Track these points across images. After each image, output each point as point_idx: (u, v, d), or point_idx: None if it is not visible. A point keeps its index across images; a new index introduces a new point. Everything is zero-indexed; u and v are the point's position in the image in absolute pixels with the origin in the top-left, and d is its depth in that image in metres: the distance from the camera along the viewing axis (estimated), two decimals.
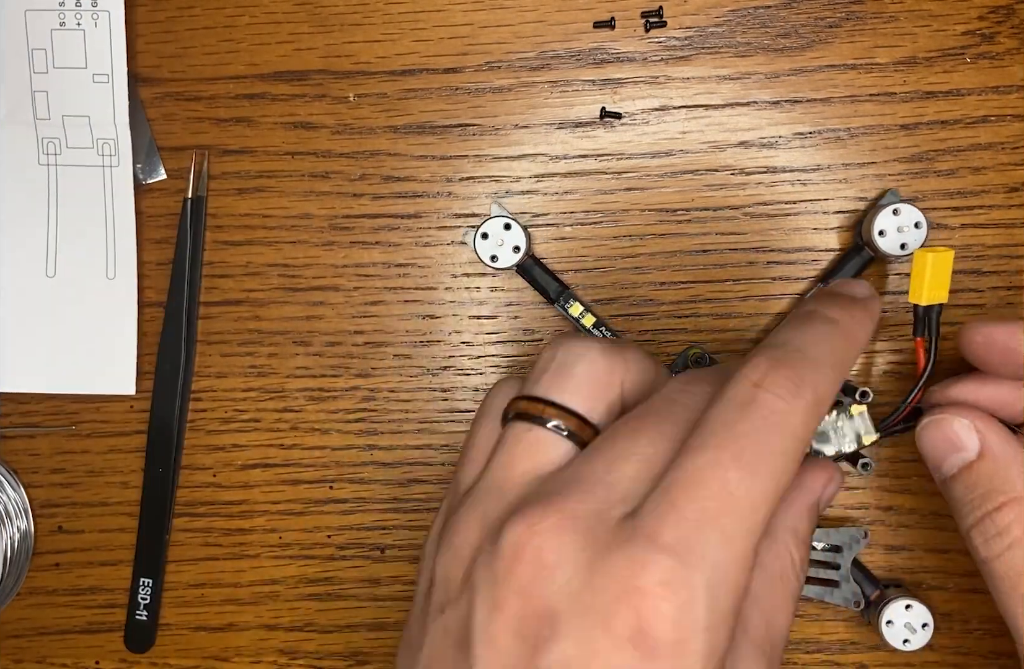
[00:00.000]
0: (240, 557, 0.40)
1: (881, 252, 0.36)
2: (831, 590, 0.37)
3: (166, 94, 0.40)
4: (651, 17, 0.38)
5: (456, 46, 0.39)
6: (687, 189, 0.38)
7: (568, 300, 0.38)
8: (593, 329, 0.38)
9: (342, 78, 0.39)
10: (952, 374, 0.33)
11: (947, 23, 0.38)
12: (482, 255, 0.37)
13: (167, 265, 0.40)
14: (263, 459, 0.40)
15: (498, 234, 0.37)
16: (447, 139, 0.39)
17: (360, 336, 0.40)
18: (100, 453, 0.41)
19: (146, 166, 0.40)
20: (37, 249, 0.40)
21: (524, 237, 0.37)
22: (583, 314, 0.38)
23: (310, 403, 0.40)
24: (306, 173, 0.39)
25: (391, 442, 0.40)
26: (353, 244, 0.39)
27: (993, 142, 0.38)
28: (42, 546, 0.41)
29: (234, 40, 0.40)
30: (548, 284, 0.38)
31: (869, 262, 0.37)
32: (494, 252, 0.37)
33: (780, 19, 0.38)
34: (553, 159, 0.39)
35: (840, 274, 0.37)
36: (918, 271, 0.32)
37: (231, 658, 0.40)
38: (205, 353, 0.40)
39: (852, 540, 0.37)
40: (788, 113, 0.38)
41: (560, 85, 0.39)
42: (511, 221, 0.37)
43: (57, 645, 0.41)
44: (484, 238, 0.37)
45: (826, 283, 0.37)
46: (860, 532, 0.37)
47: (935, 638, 0.38)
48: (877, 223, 0.36)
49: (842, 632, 0.38)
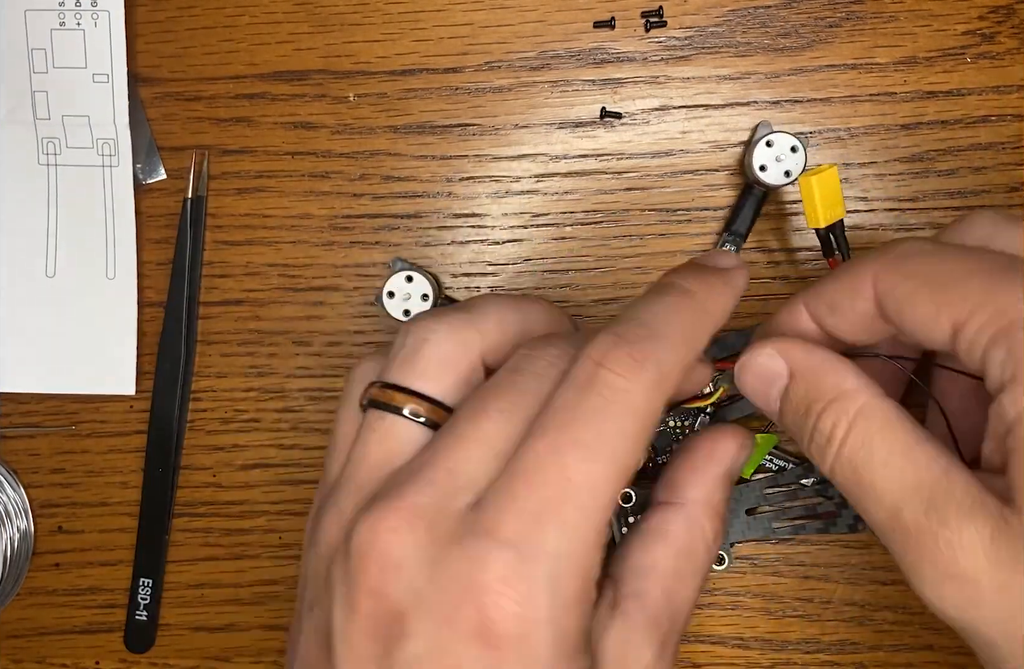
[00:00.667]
0: (240, 557, 0.40)
1: (769, 185, 0.36)
2: (833, 521, 0.36)
3: (166, 94, 0.40)
4: (651, 17, 0.38)
5: (456, 46, 0.39)
6: (687, 189, 0.38)
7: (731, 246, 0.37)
8: None
9: (342, 78, 0.39)
10: None
11: (947, 23, 0.38)
12: (395, 314, 0.37)
13: (167, 265, 0.40)
14: (263, 459, 0.40)
15: (403, 289, 0.37)
16: (447, 139, 0.39)
17: (360, 336, 0.40)
18: (100, 453, 0.41)
19: (146, 166, 0.40)
20: (37, 249, 0.40)
21: (429, 283, 0.37)
22: None
23: (310, 403, 0.40)
24: (306, 173, 0.39)
25: None
26: (353, 244, 0.39)
27: (993, 142, 0.38)
28: (42, 546, 0.41)
29: (234, 40, 0.40)
30: (744, 221, 0.37)
31: (764, 198, 0.37)
32: (405, 307, 0.37)
33: (780, 19, 0.38)
34: (553, 159, 0.39)
35: (740, 215, 0.37)
36: (807, 196, 0.32)
37: (231, 658, 0.40)
38: (205, 353, 0.40)
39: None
40: (788, 113, 0.38)
41: (560, 85, 0.39)
42: (411, 272, 0.37)
43: (57, 645, 0.41)
44: (391, 297, 0.37)
45: (728, 232, 0.37)
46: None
47: (935, 638, 0.38)
48: (755, 159, 0.36)
49: (842, 632, 0.38)
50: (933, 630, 0.38)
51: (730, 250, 0.36)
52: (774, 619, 0.39)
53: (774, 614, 0.39)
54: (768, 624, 0.39)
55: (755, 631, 0.39)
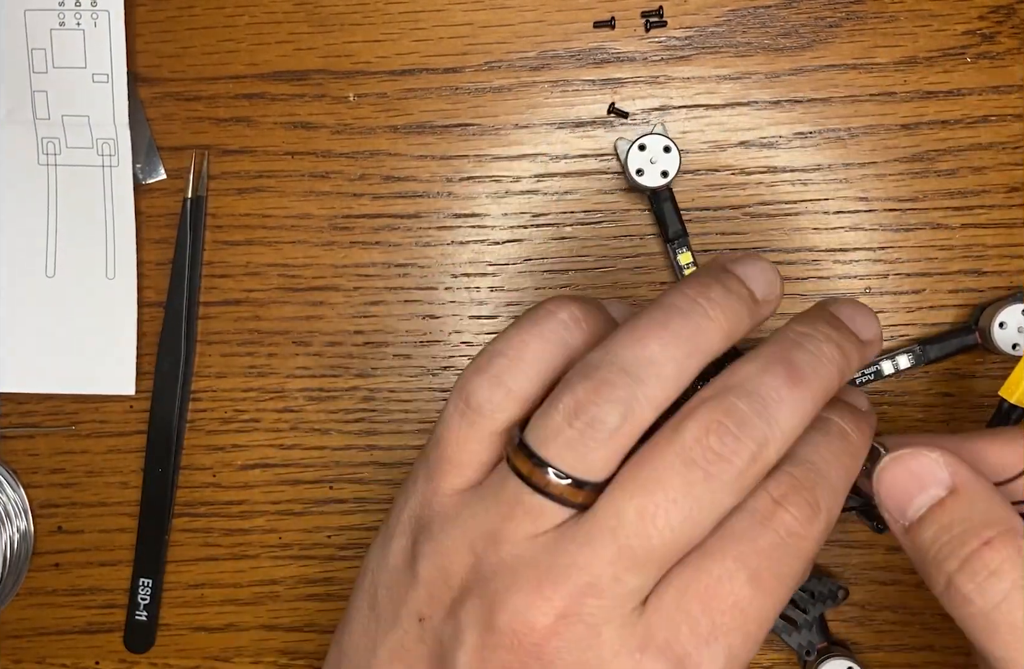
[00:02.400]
0: (240, 557, 0.40)
1: (992, 344, 0.36)
2: (790, 630, 0.37)
3: (166, 94, 0.40)
4: (651, 17, 0.38)
5: (456, 46, 0.39)
6: (687, 189, 0.38)
7: (681, 247, 0.37)
8: None
9: (342, 78, 0.39)
10: None
11: (947, 23, 0.38)
12: (630, 165, 0.36)
13: (167, 265, 0.40)
14: (263, 459, 0.40)
15: (655, 153, 0.36)
16: (447, 139, 0.39)
17: (360, 336, 0.40)
18: (100, 453, 0.41)
19: (146, 166, 0.40)
20: (37, 249, 0.40)
21: (677, 165, 0.36)
22: (688, 266, 0.37)
23: (310, 403, 0.40)
24: (306, 173, 0.39)
25: (391, 442, 0.40)
26: (353, 244, 0.39)
27: (993, 142, 0.38)
28: (42, 546, 0.41)
29: (234, 40, 0.39)
30: (672, 222, 0.37)
31: (970, 347, 0.37)
32: (642, 167, 0.36)
33: (780, 19, 0.38)
34: (553, 159, 0.39)
35: (940, 348, 0.37)
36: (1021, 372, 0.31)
37: (231, 658, 0.40)
38: (205, 353, 0.40)
39: (830, 595, 0.37)
40: (788, 113, 0.38)
41: (560, 85, 0.39)
42: (672, 145, 0.36)
43: (57, 645, 0.41)
44: (641, 150, 0.36)
45: (923, 349, 0.37)
46: (841, 591, 0.37)
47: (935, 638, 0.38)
48: (1001, 315, 0.35)
49: (842, 632, 0.38)
50: (933, 630, 0.38)
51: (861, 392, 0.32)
52: None
53: None
54: None
55: None
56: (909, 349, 0.37)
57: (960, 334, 0.37)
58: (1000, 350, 0.36)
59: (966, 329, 0.37)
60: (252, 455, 0.40)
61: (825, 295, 0.38)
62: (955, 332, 0.37)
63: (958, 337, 0.37)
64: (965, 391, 0.38)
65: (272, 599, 0.40)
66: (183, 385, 0.40)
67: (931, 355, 0.37)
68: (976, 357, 0.38)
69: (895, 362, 0.37)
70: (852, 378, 0.36)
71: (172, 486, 0.40)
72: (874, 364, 0.37)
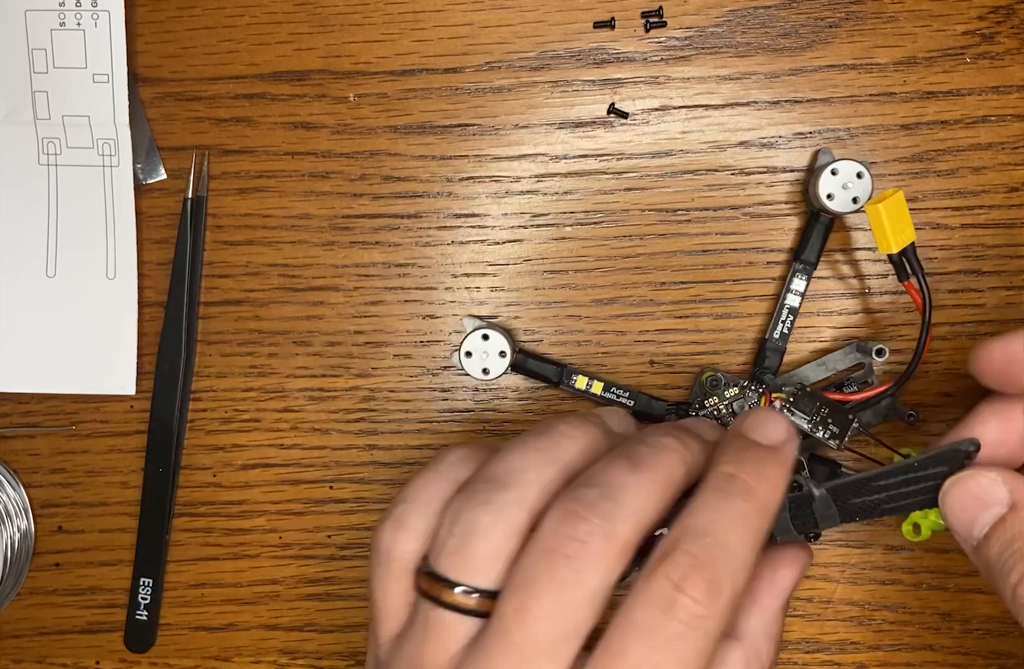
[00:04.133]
0: (240, 557, 0.40)
1: (837, 213, 0.36)
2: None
3: (166, 94, 0.40)
4: (651, 17, 0.38)
5: (456, 46, 0.39)
6: (687, 189, 0.38)
7: (570, 377, 0.37)
8: (605, 393, 0.37)
9: (342, 78, 0.39)
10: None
11: (947, 23, 0.38)
12: (474, 373, 0.37)
13: (167, 265, 0.40)
14: (263, 459, 0.40)
15: (480, 348, 0.37)
16: (447, 139, 0.39)
17: (360, 336, 0.40)
18: (100, 453, 0.41)
19: (146, 166, 0.40)
20: (37, 249, 0.40)
21: (505, 340, 0.37)
22: (590, 384, 0.37)
23: (310, 403, 0.40)
24: (306, 173, 0.39)
25: (391, 442, 0.40)
26: (353, 244, 0.39)
27: (993, 142, 0.38)
28: (42, 546, 0.41)
29: (234, 40, 0.40)
30: (545, 370, 0.38)
31: (831, 225, 0.37)
32: (484, 366, 0.37)
33: (780, 19, 0.38)
34: (553, 159, 0.39)
35: (809, 244, 0.37)
36: (876, 224, 0.32)
37: (231, 658, 0.40)
38: (205, 353, 0.40)
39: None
40: (788, 113, 0.38)
41: (560, 85, 0.39)
42: (486, 331, 0.37)
43: (57, 645, 0.41)
44: (469, 356, 0.37)
45: (798, 260, 0.37)
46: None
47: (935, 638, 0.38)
48: (821, 188, 0.36)
49: (842, 632, 0.38)
50: (933, 630, 0.38)
51: (770, 409, 0.33)
52: None
53: None
54: None
55: None
56: (795, 270, 0.37)
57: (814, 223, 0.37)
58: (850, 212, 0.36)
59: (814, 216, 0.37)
60: (252, 455, 0.40)
61: (825, 294, 0.38)
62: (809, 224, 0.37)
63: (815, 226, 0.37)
64: (965, 391, 0.38)
65: (272, 599, 0.40)
66: (183, 385, 0.40)
67: (812, 259, 0.37)
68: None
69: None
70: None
71: (172, 486, 0.40)
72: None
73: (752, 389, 0.37)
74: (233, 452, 0.40)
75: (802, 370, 0.38)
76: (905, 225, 0.32)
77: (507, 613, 0.24)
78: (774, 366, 0.37)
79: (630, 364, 0.39)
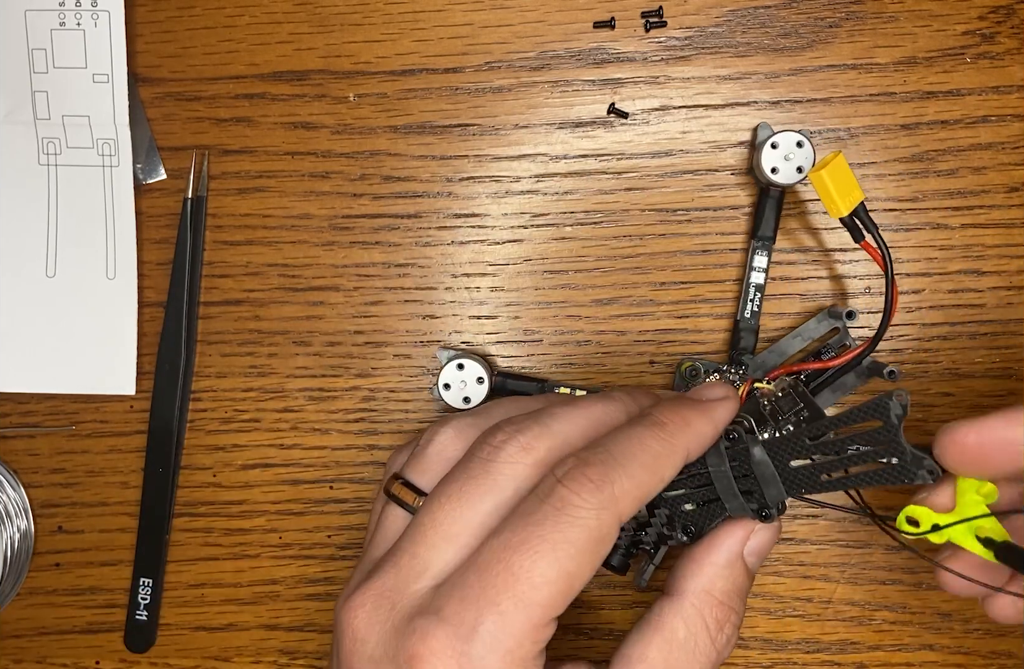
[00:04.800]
0: (240, 557, 0.40)
1: (785, 185, 0.36)
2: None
3: (166, 94, 0.40)
4: (651, 17, 0.38)
5: (456, 46, 0.39)
6: (687, 189, 0.38)
7: (762, 251, 0.37)
8: None
9: (342, 78, 0.39)
10: None
11: (947, 23, 0.38)
12: (455, 404, 0.37)
13: (167, 265, 0.40)
14: (263, 459, 0.40)
15: (457, 378, 0.37)
16: (447, 139, 0.39)
17: (360, 336, 0.40)
18: (100, 453, 0.41)
19: (146, 166, 0.40)
20: (37, 249, 0.40)
21: (480, 366, 0.37)
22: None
23: (310, 403, 0.40)
24: (306, 173, 0.39)
25: (391, 442, 0.40)
26: (353, 244, 0.39)
27: (993, 142, 0.38)
28: (42, 546, 0.41)
29: (234, 40, 0.40)
30: (527, 389, 0.38)
31: (782, 198, 0.37)
32: (464, 395, 0.37)
33: (780, 19, 0.38)
34: (553, 159, 0.39)
35: (763, 219, 0.37)
36: (822, 190, 0.32)
37: (231, 658, 0.40)
38: (205, 353, 0.40)
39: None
40: (788, 113, 0.38)
41: (560, 85, 0.39)
42: (460, 360, 0.37)
43: (57, 645, 0.41)
44: (447, 389, 0.37)
45: (755, 237, 0.37)
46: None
47: (935, 638, 0.38)
48: (764, 163, 0.36)
49: (842, 632, 0.38)
50: (933, 630, 0.38)
51: (720, 380, 0.36)
52: (774, 619, 0.39)
53: (774, 614, 0.39)
54: (768, 624, 0.39)
55: (755, 631, 0.39)
56: (755, 247, 0.37)
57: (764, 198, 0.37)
58: (799, 182, 0.36)
59: (763, 191, 0.37)
60: (252, 455, 0.40)
61: (825, 294, 0.38)
62: (760, 200, 0.37)
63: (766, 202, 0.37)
64: (965, 391, 0.38)
65: (272, 599, 0.40)
66: (183, 385, 0.40)
67: (768, 233, 0.37)
68: (977, 356, 0.38)
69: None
70: None
71: (172, 486, 0.40)
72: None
73: (732, 372, 0.37)
74: (233, 452, 0.40)
75: (779, 345, 0.37)
76: (851, 187, 0.33)
77: (425, 502, 0.29)
78: (750, 346, 0.37)
79: (630, 364, 0.39)
